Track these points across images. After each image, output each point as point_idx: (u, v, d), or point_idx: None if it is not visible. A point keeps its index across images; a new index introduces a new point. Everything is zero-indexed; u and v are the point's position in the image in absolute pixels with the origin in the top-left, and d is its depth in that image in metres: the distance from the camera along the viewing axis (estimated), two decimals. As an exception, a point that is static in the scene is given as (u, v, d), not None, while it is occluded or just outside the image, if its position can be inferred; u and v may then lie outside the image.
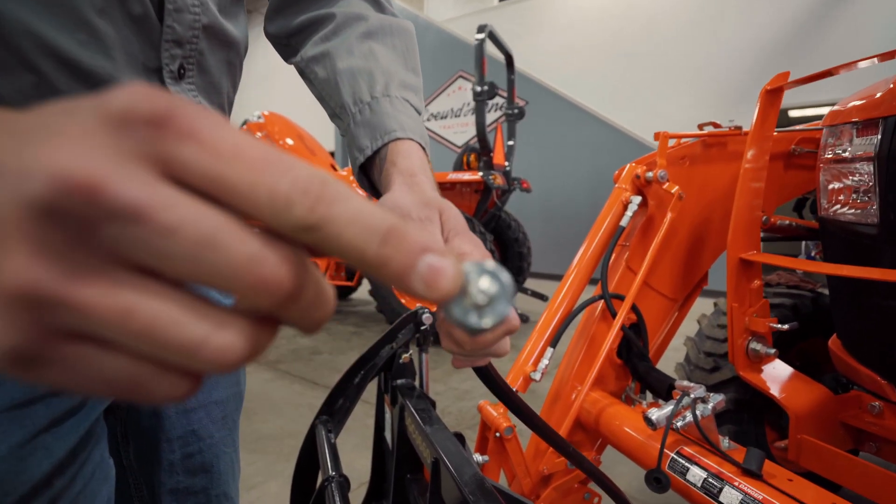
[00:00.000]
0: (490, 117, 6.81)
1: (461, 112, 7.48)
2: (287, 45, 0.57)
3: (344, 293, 5.23)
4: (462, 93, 7.36)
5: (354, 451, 1.93)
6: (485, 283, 0.18)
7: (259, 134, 4.67)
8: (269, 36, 0.58)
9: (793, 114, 6.12)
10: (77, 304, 0.13)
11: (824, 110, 1.56)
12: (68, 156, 0.12)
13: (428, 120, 7.58)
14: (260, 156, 0.14)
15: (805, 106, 5.86)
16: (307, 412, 2.41)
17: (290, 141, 4.69)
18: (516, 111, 4.31)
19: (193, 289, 0.14)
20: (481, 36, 3.67)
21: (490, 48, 4.06)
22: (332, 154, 7.17)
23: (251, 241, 0.14)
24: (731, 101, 6.07)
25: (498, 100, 6.66)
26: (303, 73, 0.54)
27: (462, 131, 7.43)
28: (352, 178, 4.35)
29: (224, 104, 0.50)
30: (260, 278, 0.14)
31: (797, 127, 1.43)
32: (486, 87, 3.67)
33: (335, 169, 4.80)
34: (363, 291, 5.29)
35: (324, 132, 8.43)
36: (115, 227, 0.12)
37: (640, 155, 1.34)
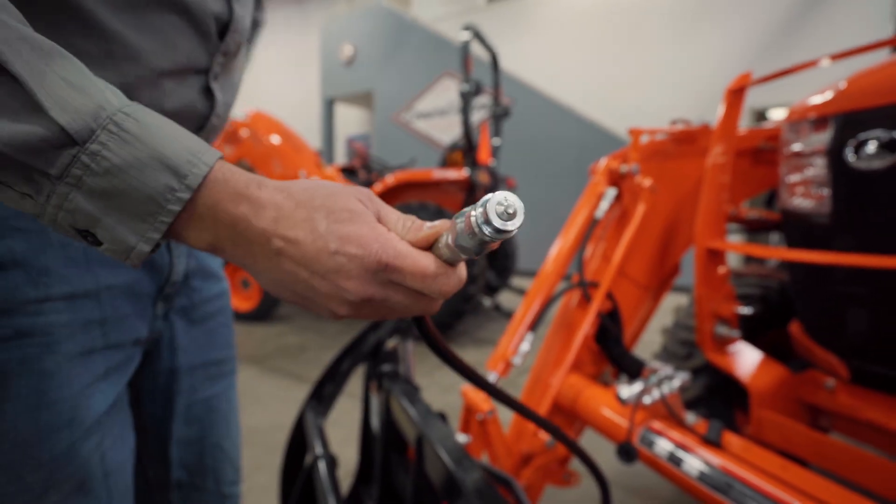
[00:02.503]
0: (476, 116, 6.87)
1: (447, 111, 7.52)
2: None
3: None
4: (448, 92, 7.40)
5: (343, 444, 1.96)
6: (510, 198, 0.30)
7: (244, 132, 4.67)
8: None
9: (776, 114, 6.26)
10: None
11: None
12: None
13: (415, 118, 7.62)
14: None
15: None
16: (294, 406, 2.43)
17: (275, 139, 4.68)
18: (502, 110, 4.36)
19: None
20: (466, 34, 3.73)
21: (476, 48, 4.11)
22: (319, 153, 7.16)
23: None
24: (715, 102, 6.18)
25: (484, 98, 6.72)
26: None
27: (448, 130, 7.47)
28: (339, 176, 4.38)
29: (232, 100, 0.62)
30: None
31: (767, 125, 1.51)
32: (471, 85, 3.73)
33: (320, 167, 4.82)
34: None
35: (309, 131, 8.41)
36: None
37: (625, 154, 1.39)
